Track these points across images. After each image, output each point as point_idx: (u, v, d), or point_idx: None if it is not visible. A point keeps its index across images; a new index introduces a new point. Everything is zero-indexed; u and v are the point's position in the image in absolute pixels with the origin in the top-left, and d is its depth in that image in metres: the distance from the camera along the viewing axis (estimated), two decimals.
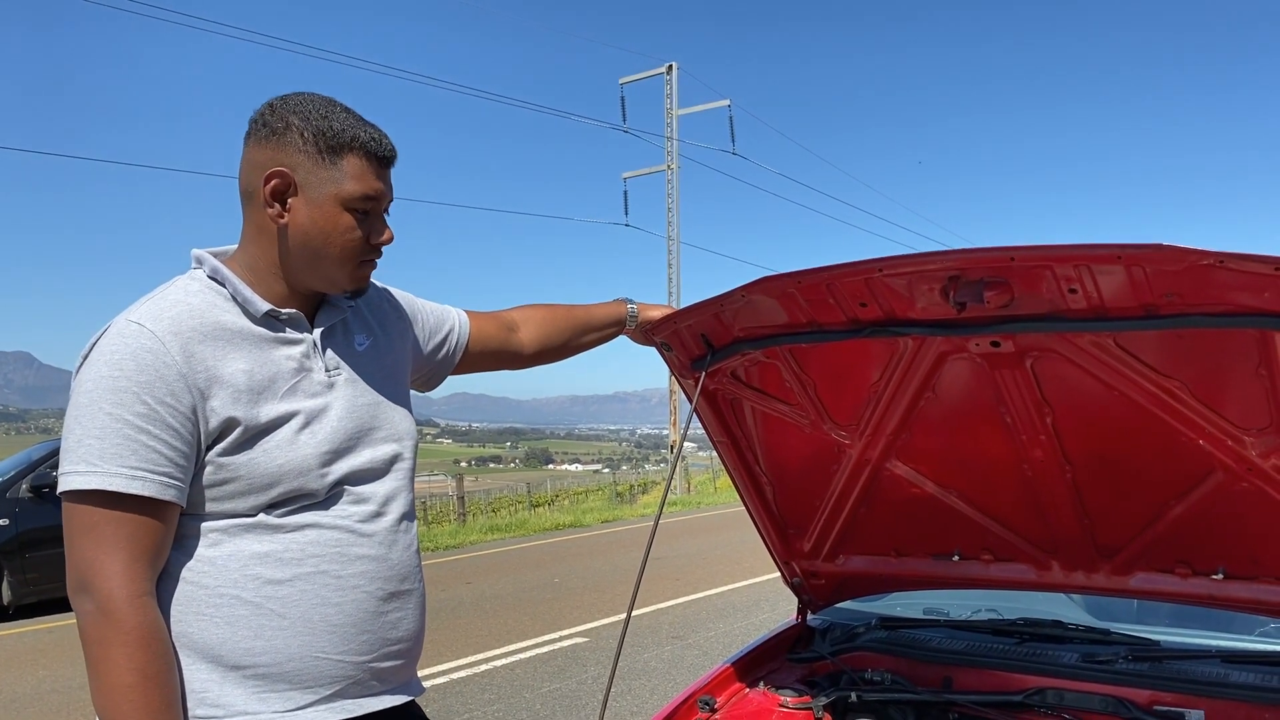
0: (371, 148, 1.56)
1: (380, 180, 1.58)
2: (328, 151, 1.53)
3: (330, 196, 1.53)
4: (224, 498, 1.48)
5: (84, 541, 1.40)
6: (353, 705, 1.55)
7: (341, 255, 1.56)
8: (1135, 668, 2.23)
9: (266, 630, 1.48)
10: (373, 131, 1.57)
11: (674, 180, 28.97)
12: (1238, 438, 1.90)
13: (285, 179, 1.52)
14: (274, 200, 1.53)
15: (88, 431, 1.39)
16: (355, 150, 1.54)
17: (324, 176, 1.53)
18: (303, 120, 1.52)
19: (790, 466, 2.47)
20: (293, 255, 1.55)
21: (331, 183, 1.53)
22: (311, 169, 1.52)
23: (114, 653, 1.37)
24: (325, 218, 1.54)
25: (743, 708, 2.41)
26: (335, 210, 1.54)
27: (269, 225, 1.55)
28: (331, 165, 1.53)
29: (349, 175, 1.54)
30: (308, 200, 1.53)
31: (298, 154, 1.52)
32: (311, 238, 1.54)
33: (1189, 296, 1.69)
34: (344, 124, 1.54)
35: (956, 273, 1.82)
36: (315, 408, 1.55)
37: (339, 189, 1.53)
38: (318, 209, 1.53)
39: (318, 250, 1.55)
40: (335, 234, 1.54)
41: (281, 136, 1.52)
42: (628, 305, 2.26)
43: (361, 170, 1.55)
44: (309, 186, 1.53)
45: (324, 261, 1.56)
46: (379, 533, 1.60)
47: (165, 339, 1.44)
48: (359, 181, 1.55)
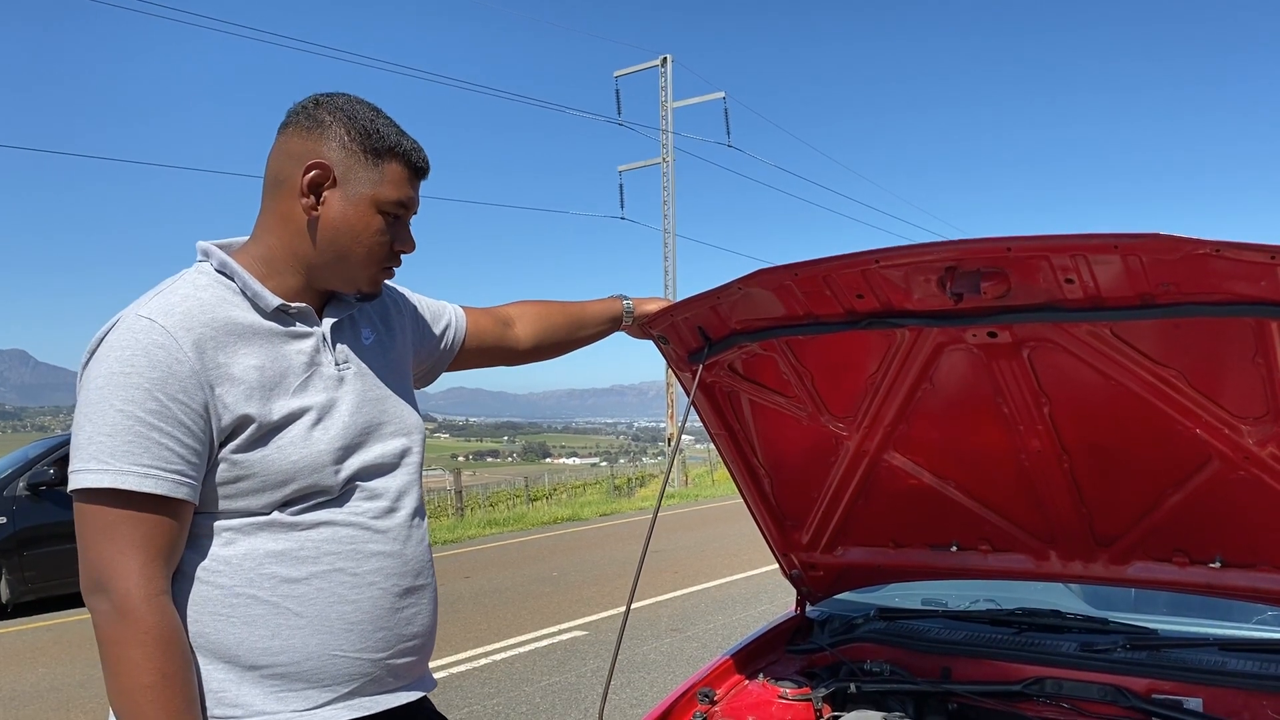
0: (412, 157, 1.59)
1: (414, 190, 1.61)
2: (371, 153, 1.54)
3: (367, 197, 1.55)
4: (238, 495, 1.47)
5: (98, 541, 1.38)
6: (369, 702, 1.55)
7: (367, 257, 1.57)
8: (1133, 656, 2.24)
9: (284, 629, 1.47)
10: (414, 142, 1.60)
11: (669, 173, 28.95)
12: (1234, 426, 1.90)
13: (325, 171, 1.53)
14: (310, 191, 1.53)
15: (99, 429, 1.38)
16: (398, 157, 1.57)
17: (364, 176, 1.54)
18: (349, 119, 1.54)
19: (788, 459, 2.47)
20: (318, 249, 1.55)
21: (370, 184, 1.54)
22: (352, 166, 1.54)
23: (132, 653, 1.36)
24: (359, 216, 1.55)
25: (742, 700, 2.41)
26: (369, 211, 1.55)
27: (297, 216, 1.54)
28: (373, 167, 1.55)
29: (388, 179, 1.56)
30: (344, 196, 1.54)
31: (340, 150, 1.53)
32: (341, 234, 1.55)
33: (1185, 285, 1.69)
34: (388, 130, 1.57)
35: (953, 264, 1.82)
36: (326, 403, 1.55)
37: (377, 191, 1.55)
38: (353, 207, 1.54)
39: (344, 248, 1.56)
40: (365, 234, 1.56)
41: (325, 130, 1.53)
42: (623, 301, 2.26)
43: (400, 177, 1.57)
44: (347, 183, 1.54)
45: (348, 260, 1.57)
46: (393, 528, 1.59)
47: (177, 334, 1.42)
48: (397, 187, 1.57)
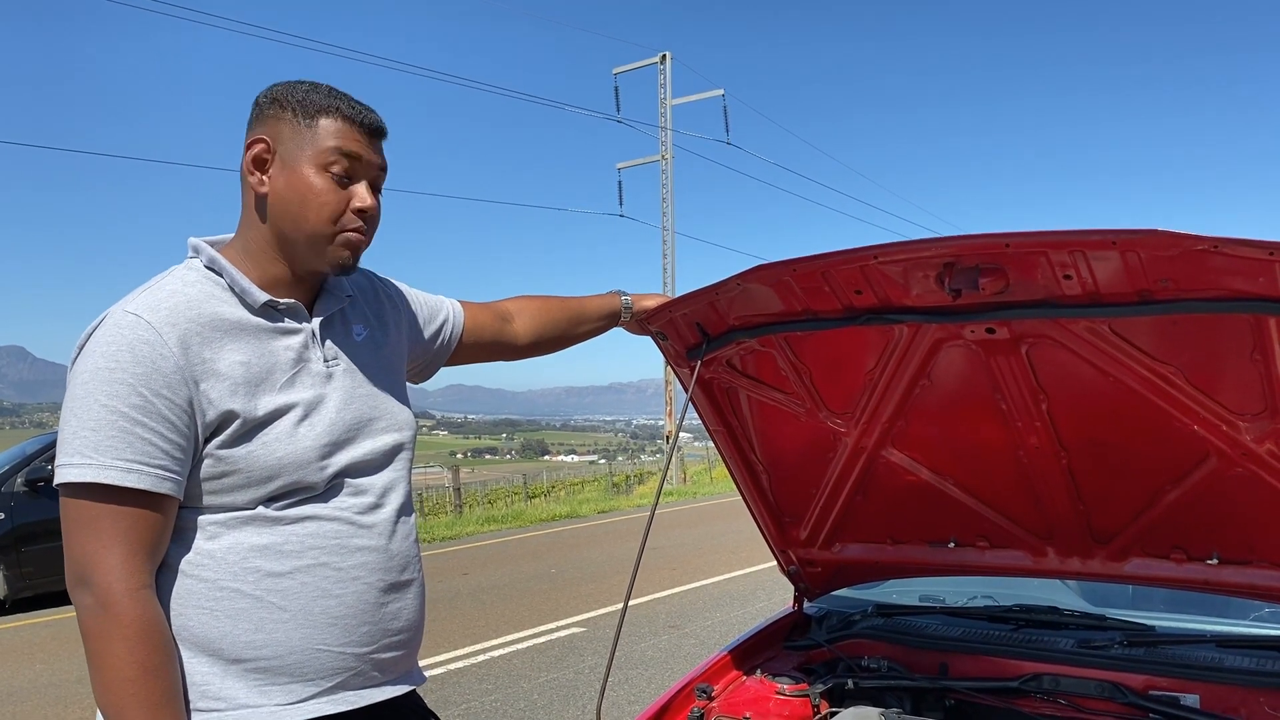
0: (347, 112, 1.54)
1: (360, 143, 1.55)
2: (304, 115, 1.53)
3: (307, 158, 1.52)
4: (223, 491, 1.47)
5: (82, 535, 1.39)
6: (354, 696, 1.55)
7: (319, 219, 1.53)
8: (1131, 653, 2.24)
9: (267, 623, 1.48)
10: (355, 103, 1.56)
11: (668, 170, 28.92)
12: (1232, 423, 1.90)
13: (265, 145, 1.53)
14: (255, 168, 1.54)
15: (83, 424, 1.39)
16: (332, 113, 1.54)
17: (301, 140, 1.53)
18: (285, 94, 1.54)
19: (786, 455, 2.47)
20: (278, 226, 1.54)
21: (309, 144, 1.52)
22: (290, 135, 1.53)
23: (114, 646, 1.36)
24: (301, 180, 1.52)
25: (739, 696, 2.41)
26: (311, 171, 1.52)
27: (256, 199, 1.55)
28: (307, 129, 1.53)
29: (325, 134, 1.53)
30: (285, 165, 1.53)
31: (279, 124, 1.53)
32: (290, 203, 1.53)
33: (1183, 282, 1.69)
34: (326, 94, 1.55)
35: (951, 260, 1.82)
36: (314, 399, 1.54)
37: (315, 149, 1.52)
38: (294, 172, 1.52)
39: (297, 215, 1.53)
40: (312, 196, 1.52)
41: (264, 111, 1.55)
42: (622, 297, 2.26)
43: (337, 130, 1.53)
44: (287, 151, 1.53)
45: (305, 227, 1.53)
46: (378, 524, 1.59)
47: (162, 330, 1.43)
48: (335, 138, 1.53)
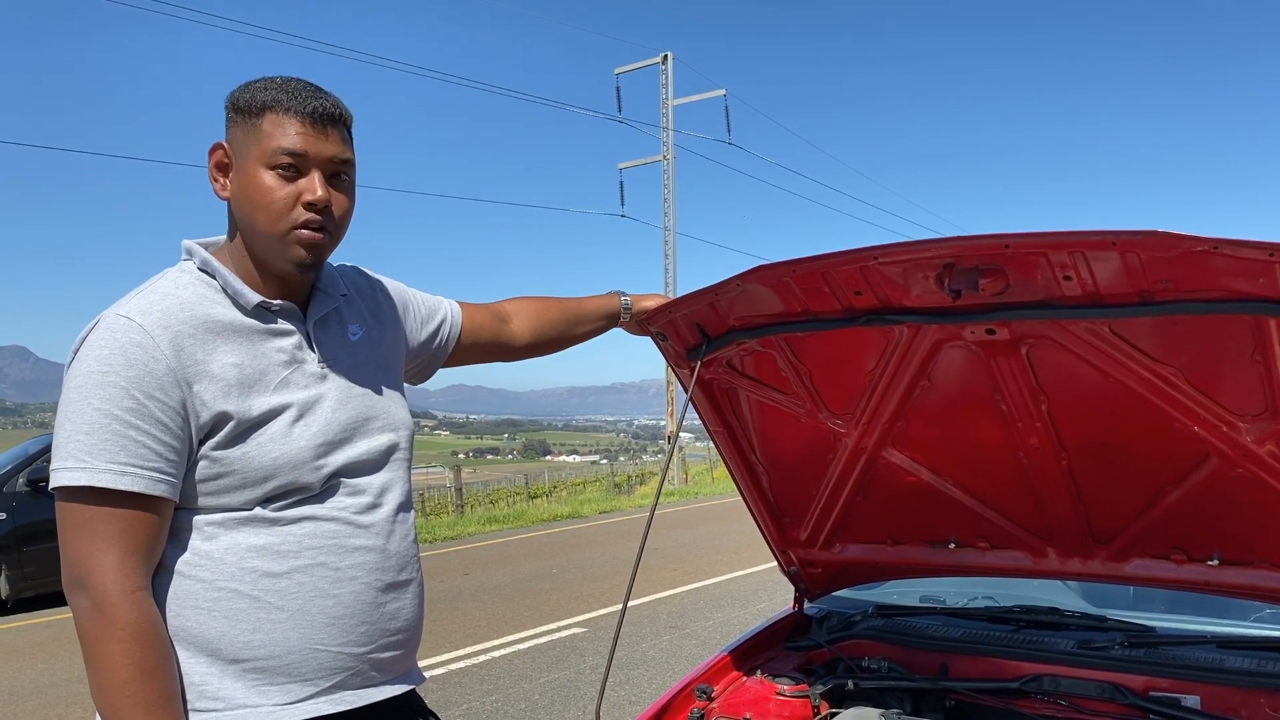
0: (292, 104, 1.49)
1: (304, 136, 1.50)
2: (247, 115, 1.51)
3: (253, 158, 1.50)
4: (218, 492, 1.47)
5: (77, 538, 1.39)
6: (353, 696, 1.55)
7: (269, 218, 1.50)
8: (1131, 654, 2.24)
9: (265, 623, 1.48)
10: (304, 93, 1.51)
11: (670, 170, 28.93)
12: (1233, 424, 1.90)
13: (224, 151, 1.53)
14: (219, 174, 1.54)
15: (77, 427, 1.39)
16: (272, 108, 1.50)
17: (246, 140, 1.51)
18: (240, 94, 1.53)
19: (786, 455, 2.47)
20: (242, 229, 1.55)
21: (253, 144, 1.51)
22: (237, 136, 1.52)
23: (111, 648, 1.37)
24: (250, 180, 1.51)
25: (740, 696, 2.41)
26: (257, 170, 1.50)
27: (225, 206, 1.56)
28: (252, 128, 1.51)
29: (265, 131, 1.50)
30: (238, 168, 1.52)
31: (233, 127, 1.53)
32: (242, 205, 1.52)
33: (1183, 283, 1.69)
34: (274, 89, 1.51)
35: (951, 260, 1.81)
36: (308, 399, 1.54)
37: (260, 148, 1.50)
38: (243, 174, 1.51)
39: (250, 217, 1.52)
40: (258, 195, 1.50)
41: (228, 115, 1.54)
42: (621, 297, 2.25)
43: (279, 125, 1.49)
44: (237, 154, 1.52)
45: (259, 229, 1.51)
46: (376, 524, 1.59)
47: (154, 333, 1.43)
48: (274, 137, 1.49)
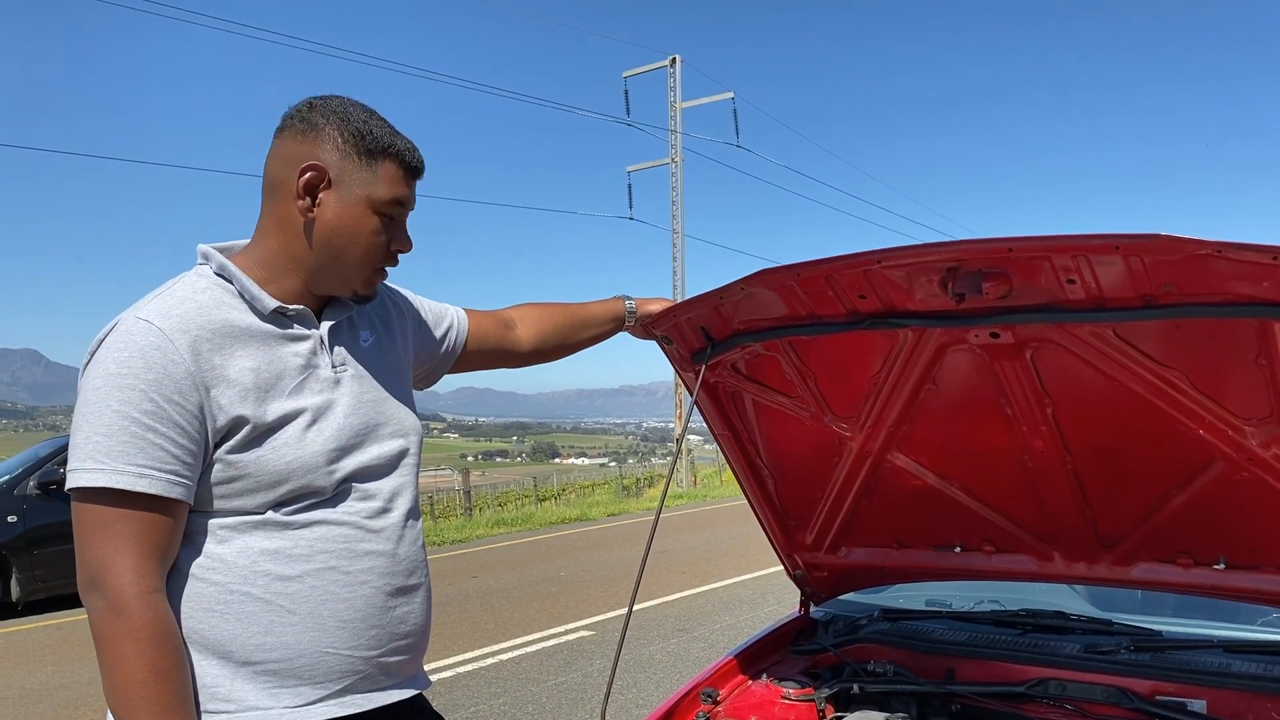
0: (406, 157, 1.59)
1: (409, 189, 1.61)
2: (365, 154, 1.55)
3: (362, 198, 1.56)
4: (232, 495, 1.48)
5: (94, 539, 1.40)
6: (361, 700, 1.56)
7: (363, 257, 1.59)
8: (1137, 658, 2.23)
9: (277, 626, 1.49)
10: (408, 142, 1.61)
11: (678, 173, 28.93)
12: (1238, 427, 1.89)
13: (320, 173, 1.54)
14: (306, 194, 1.55)
15: (95, 429, 1.40)
16: (392, 156, 1.57)
17: (359, 177, 1.55)
18: (343, 121, 1.55)
19: (791, 459, 2.47)
20: (314, 251, 1.57)
21: (365, 184, 1.56)
22: (347, 168, 1.55)
23: (126, 649, 1.38)
24: (354, 217, 1.56)
25: (745, 700, 2.42)
26: (365, 211, 1.56)
27: (294, 219, 1.56)
28: (367, 167, 1.56)
29: (383, 179, 1.57)
30: (339, 198, 1.55)
31: (335, 152, 1.54)
32: (337, 235, 1.56)
33: (1187, 286, 1.69)
34: (382, 131, 1.57)
35: (955, 264, 1.82)
36: (322, 404, 1.56)
37: (371, 191, 1.56)
38: (348, 208, 1.55)
39: (340, 249, 1.57)
40: (361, 235, 1.57)
41: (320, 133, 1.55)
42: (626, 301, 2.26)
43: (395, 176, 1.58)
44: (342, 185, 1.55)
45: (344, 261, 1.58)
46: (387, 528, 1.60)
47: (173, 336, 1.44)
48: (391, 186, 1.57)
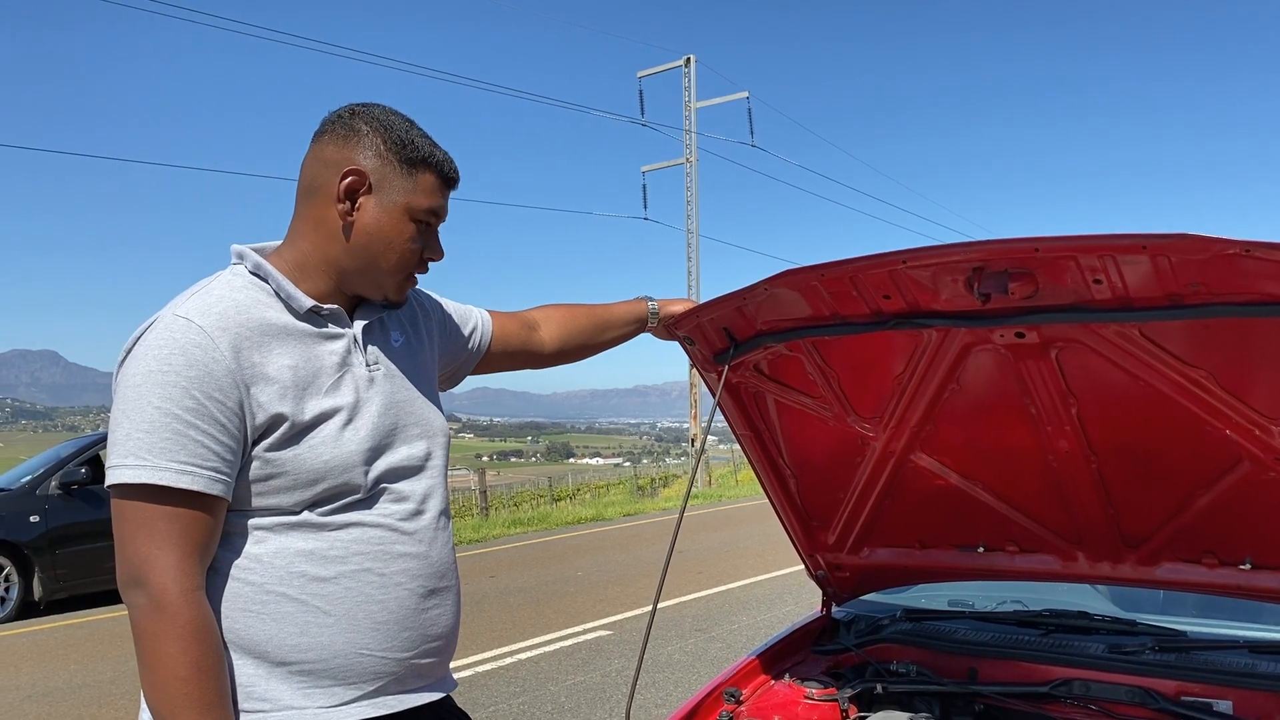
0: (444, 168, 1.64)
1: (444, 200, 1.66)
2: (406, 163, 1.59)
3: (401, 205, 1.59)
4: (269, 493, 1.50)
5: (136, 536, 1.41)
6: (394, 701, 1.58)
7: (398, 263, 1.62)
8: (1162, 658, 2.23)
9: (312, 627, 1.50)
10: (446, 154, 1.66)
11: (693, 173, 28.91)
12: (1265, 427, 1.89)
13: (362, 178, 1.57)
14: (346, 197, 1.57)
15: (136, 425, 1.41)
16: (431, 167, 1.62)
17: (399, 185, 1.59)
18: (385, 129, 1.59)
19: (814, 459, 2.48)
20: (350, 254, 1.59)
21: (405, 192, 1.59)
22: (388, 175, 1.58)
23: (168, 646, 1.39)
24: (392, 224, 1.59)
25: (768, 700, 2.42)
26: (402, 218, 1.60)
27: (331, 221, 1.58)
28: (407, 176, 1.59)
29: (421, 188, 1.60)
30: (379, 204, 1.58)
31: (376, 159, 1.58)
32: (374, 240, 1.59)
33: (1214, 286, 1.68)
34: (423, 141, 1.62)
35: (980, 264, 1.82)
36: (356, 403, 1.57)
37: (410, 199, 1.59)
38: (387, 214, 1.59)
39: (376, 254, 1.60)
40: (398, 241, 1.60)
41: (361, 139, 1.58)
42: (649, 303, 2.28)
43: (433, 187, 1.62)
44: (382, 191, 1.58)
45: (379, 266, 1.61)
46: (420, 530, 1.62)
47: (214, 334, 1.45)
48: (429, 196, 1.62)
